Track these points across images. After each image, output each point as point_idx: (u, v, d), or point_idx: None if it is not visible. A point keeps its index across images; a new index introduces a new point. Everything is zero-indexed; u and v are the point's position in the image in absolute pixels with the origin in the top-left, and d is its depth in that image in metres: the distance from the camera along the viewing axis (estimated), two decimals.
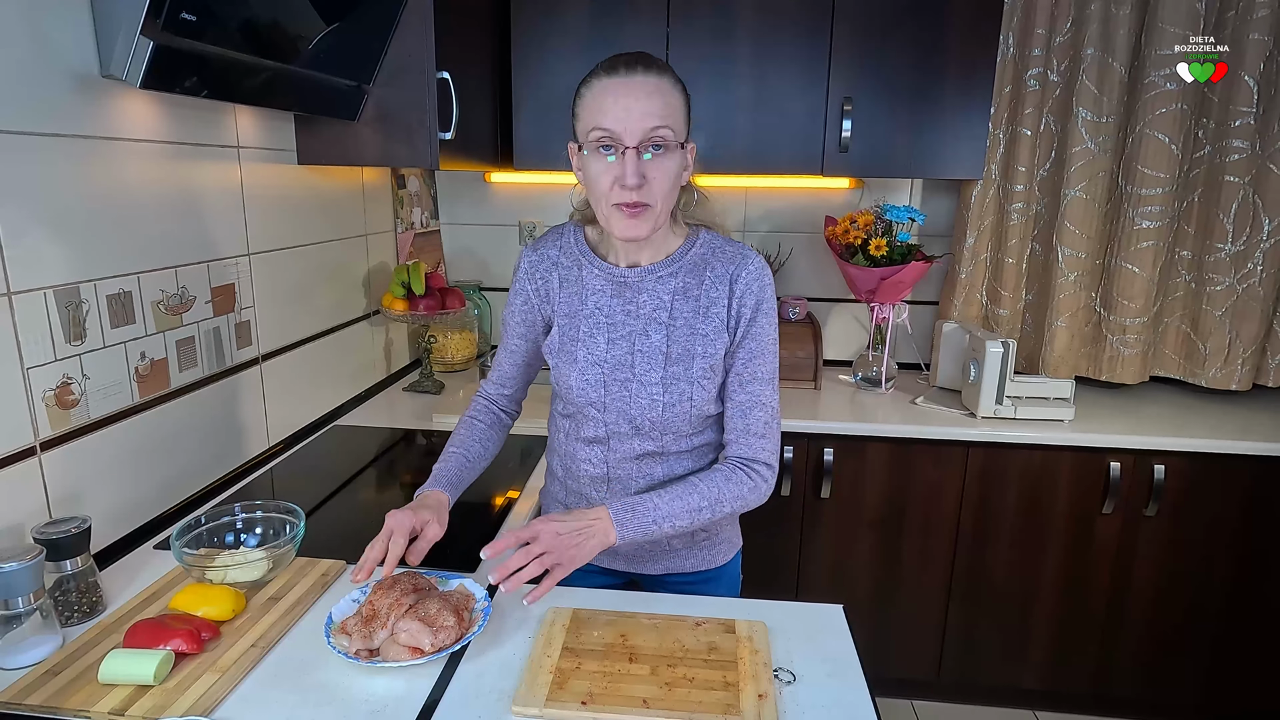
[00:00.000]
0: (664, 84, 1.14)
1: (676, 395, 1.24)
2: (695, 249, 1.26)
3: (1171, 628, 2.28)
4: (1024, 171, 2.41)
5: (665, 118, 1.13)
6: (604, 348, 1.26)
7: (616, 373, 1.26)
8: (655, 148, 1.13)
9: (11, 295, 1.17)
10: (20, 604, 1.05)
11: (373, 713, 0.99)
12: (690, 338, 1.24)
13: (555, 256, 1.31)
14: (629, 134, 1.11)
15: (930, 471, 2.24)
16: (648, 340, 1.25)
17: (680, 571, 1.41)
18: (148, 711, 0.96)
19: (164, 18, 1.18)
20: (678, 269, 1.25)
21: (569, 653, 1.10)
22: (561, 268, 1.30)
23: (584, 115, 1.16)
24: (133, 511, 1.44)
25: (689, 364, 1.24)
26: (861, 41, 2.22)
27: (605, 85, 1.13)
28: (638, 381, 1.25)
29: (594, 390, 1.27)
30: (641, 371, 1.25)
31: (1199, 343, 2.45)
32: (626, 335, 1.26)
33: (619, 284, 1.26)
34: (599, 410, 1.28)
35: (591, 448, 1.33)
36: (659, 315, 1.25)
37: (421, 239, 2.72)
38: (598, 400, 1.27)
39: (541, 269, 1.32)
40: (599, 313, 1.27)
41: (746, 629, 1.16)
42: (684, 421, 1.26)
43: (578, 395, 1.28)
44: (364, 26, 1.69)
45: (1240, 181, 2.28)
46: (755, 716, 0.97)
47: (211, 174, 1.62)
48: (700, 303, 1.24)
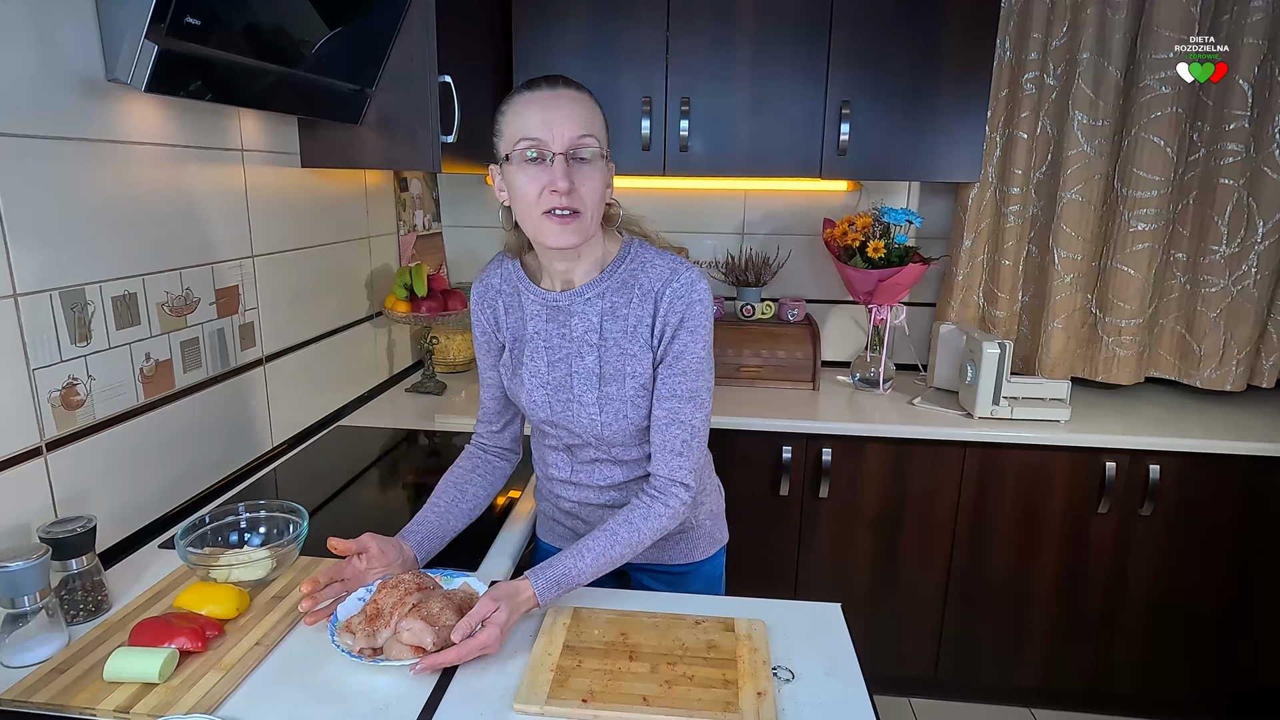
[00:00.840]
0: (585, 98, 1.16)
1: (613, 414, 1.25)
2: (624, 265, 1.24)
3: (1166, 626, 2.28)
4: (1020, 174, 2.42)
5: (590, 127, 1.14)
6: (545, 370, 1.28)
7: (559, 394, 1.27)
8: (581, 158, 1.13)
9: (18, 297, 1.17)
10: (26, 602, 1.05)
11: (375, 711, 0.99)
12: (620, 358, 1.23)
13: (498, 285, 1.32)
14: (556, 140, 1.11)
15: (927, 471, 2.24)
16: (582, 362, 1.25)
17: (658, 563, 1.43)
18: (152, 709, 0.96)
19: (169, 22, 1.18)
20: (605, 289, 1.23)
21: (570, 650, 1.10)
22: (504, 295, 1.32)
23: (508, 130, 1.15)
24: (138, 511, 1.45)
25: (621, 384, 1.24)
26: (859, 46, 2.23)
27: (529, 98, 1.14)
28: (577, 402, 1.26)
29: (541, 410, 1.30)
30: (580, 392, 1.26)
31: (1194, 344, 2.45)
32: (564, 358, 1.26)
33: (552, 308, 1.26)
34: (552, 427, 1.31)
35: (557, 454, 1.36)
36: (590, 337, 1.24)
37: (424, 241, 2.72)
38: (547, 419, 1.30)
39: (488, 298, 1.33)
40: (538, 337, 1.28)
41: (746, 627, 1.16)
42: (626, 436, 1.27)
43: (529, 414, 1.33)
44: (367, 31, 1.69)
45: (1234, 184, 2.28)
46: (754, 714, 0.97)
47: (216, 177, 1.62)
48: (629, 322, 1.23)
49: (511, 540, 1.49)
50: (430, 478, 1.84)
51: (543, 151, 1.12)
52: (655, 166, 2.36)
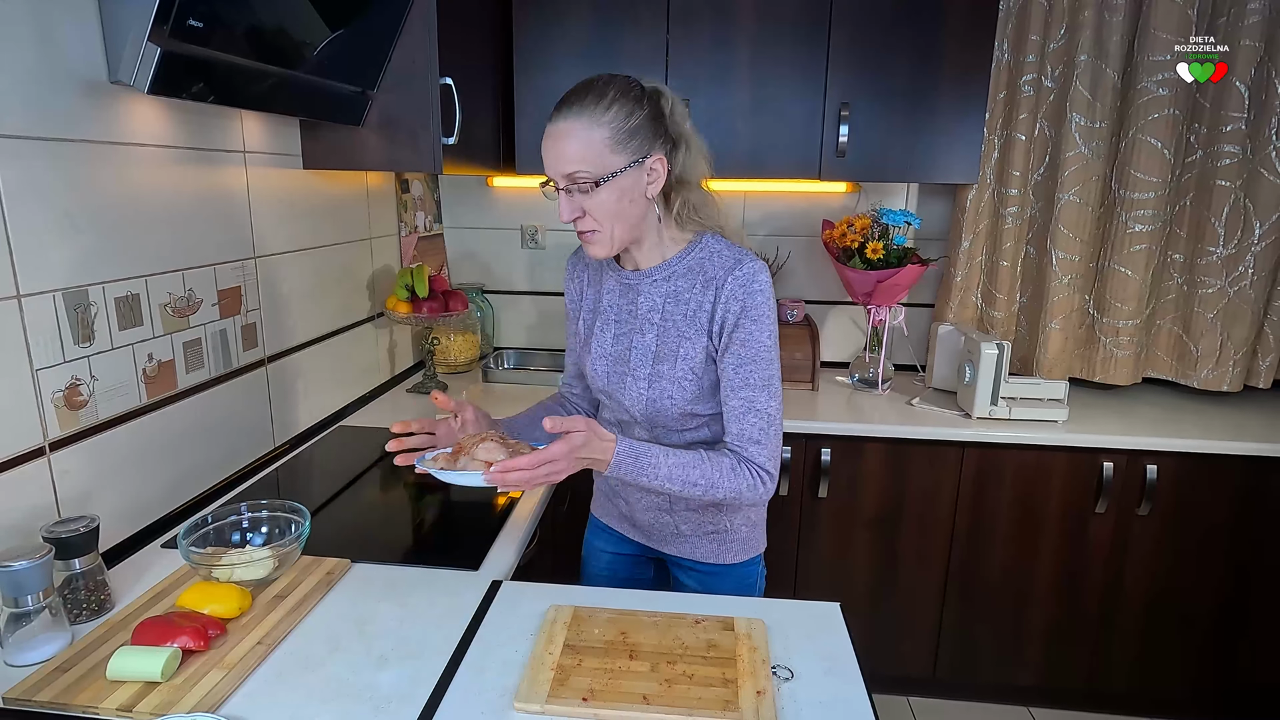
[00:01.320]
0: (579, 125, 1.18)
1: (659, 392, 1.30)
2: (693, 253, 1.29)
3: (1164, 625, 2.28)
4: (1018, 176, 2.42)
5: (580, 160, 1.18)
6: (610, 342, 1.36)
7: (617, 366, 1.35)
8: (579, 189, 1.20)
9: (21, 298, 1.17)
10: (30, 602, 1.05)
11: (376, 708, 0.99)
12: (677, 339, 1.28)
13: (588, 260, 1.44)
14: (557, 178, 1.21)
15: (926, 471, 2.24)
16: (642, 339, 1.32)
17: (690, 558, 1.45)
18: (155, 708, 0.96)
19: (171, 25, 1.18)
20: (671, 274, 1.30)
21: (570, 649, 1.10)
22: (590, 269, 1.43)
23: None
24: (140, 511, 1.45)
25: (673, 364, 1.29)
26: (859, 48, 2.23)
27: (545, 133, 1.22)
28: (631, 375, 1.33)
29: (601, 379, 1.38)
30: (635, 366, 1.32)
31: (1191, 345, 2.45)
32: (627, 333, 1.34)
33: (624, 285, 1.35)
34: (607, 397, 1.40)
35: (612, 429, 1.37)
36: (652, 316, 1.31)
37: (425, 242, 2.72)
38: (603, 389, 1.39)
39: (576, 271, 1.47)
40: (609, 311, 1.37)
41: (745, 626, 1.16)
42: (669, 417, 1.31)
43: (593, 382, 1.41)
44: (368, 33, 1.70)
45: (1231, 186, 2.28)
46: (754, 713, 0.97)
47: (218, 178, 1.62)
48: (689, 306, 1.28)
49: (515, 538, 1.49)
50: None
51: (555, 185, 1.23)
52: None
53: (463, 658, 1.10)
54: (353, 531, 1.54)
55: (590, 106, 1.19)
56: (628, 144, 1.19)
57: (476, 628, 1.17)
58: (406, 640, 1.14)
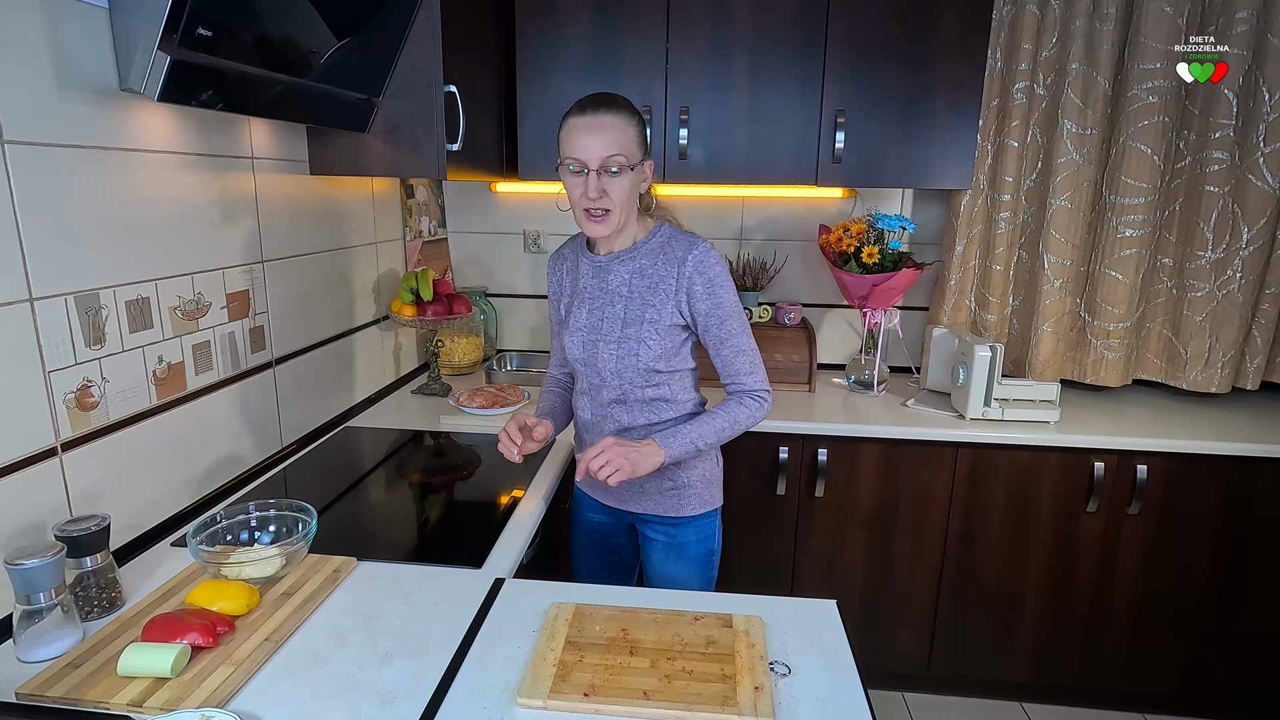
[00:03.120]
0: (619, 120, 1.42)
1: (626, 351, 1.50)
2: (655, 239, 1.53)
3: (1153, 622, 2.28)
4: (1011, 181, 2.42)
5: (619, 147, 1.41)
6: (585, 317, 1.56)
7: (591, 335, 1.54)
8: (612, 170, 1.41)
9: (34, 301, 1.17)
10: (42, 599, 1.05)
11: (382, 704, 0.99)
12: (642, 307, 1.50)
13: (566, 254, 1.66)
14: (591, 161, 1.40)
15: (920, 471, 2.24)
16: (612, 309, 1.53)
17: (654, 513, 1.63)
18: (165, 703, 0.96)
19: (181, 33, 1.18)
20: (636, 254, 1.52)
21: (571, 645, 1.10)
22: (568, 260, 1.64)
23: (562, 145, 1.45)
24: (150, 510, 1.45)
25: (638, 327, 1.50)
26: (854, 56, 2.23)
27: (576, 123, 1.42)
28: (603, 340, 1.52)
29: (577, 349, 1.56)
30: (606, 332, 1.52)
31: (1180, 347, 2.45)
32: (599, 306, 1.54)
33: (597, 268, 1.55)
34: (583, 366, 1.57)
35: (581, 398, 1.63)
36: (620, 290, 1.52)
37: (429, 247, 2.72)
38: (580, 357, 1.57)
39: (557, 265, 1.67)
40: (584, 291, 1.57)
41: (744, 623, 1.16)
42: (635, 373, 1.51)
43: (569, 354, 1.58)
44: (374, 42, 1.70)
45: (1220, 191, 2.28)
46: (752, 707, 0.97)
47: (227, 184, 1.62)
48: (653, 279, 1.50)
49: (517, 537, 1.49)
50: (436, 477, 1.85)
51: (581, 168, 1.41)
52: (655, 174, 2.35)
53: (466, 654, 1.10)
54: (359, 530, 1.54)
55: (624, 109, 1.44)
56: (641, 146, 1.46)
57: (480, 624, 1.17)
58: (411, 637, 1.14)
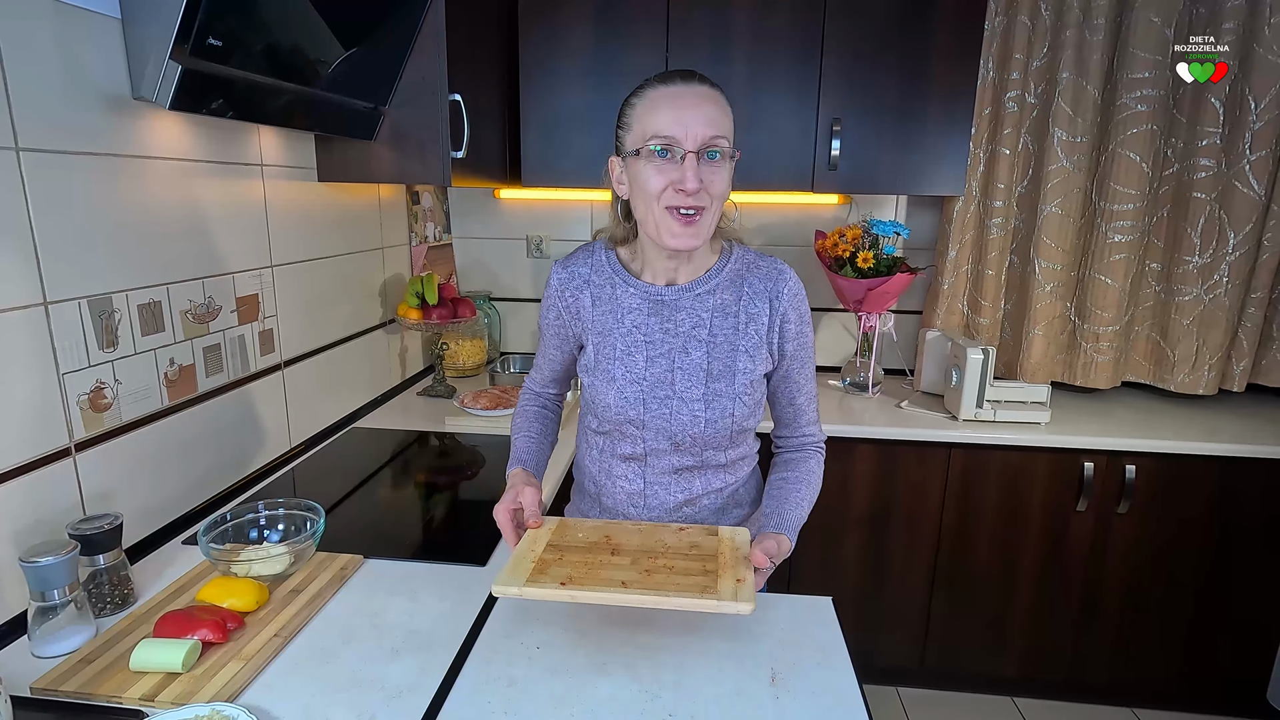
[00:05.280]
0: (720, 96, 1.11)
1: (719, 411, 1.19)
2: (730, 264, 1.21)
3: (1142, 618, 2.28)
4: (1003, 188, 2.42)
5: (722, 127, 1.09)
6: (643, 365, 1.20)
7: (656, 390, 1.19)
8: (712, 155, 1.08)
9: (48, 305, 1.17)
10: (56, 596, 1.06)
11: (388, 699, 0.99)
12: (731, 354, 1.19)
13: (586, 274, 1.24)
14: (689, 139, 1.06)
15: (914, 471, 2.24)
16: (688, 358, 1.19)
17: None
18: (177, 697, 0.96)
19: (192, 43, 1.18)
20: (715, 286, 1.20)
21: (553, 548, 1.09)
22: (593, 285, 1.23)
23: (638, 124, 1.10)
24: (162, 509, 1.45)
25: (730, 380, 1.18)
26: (850, 65, 2.23)
27: (663, 93, 1.09)
28: (679, 399, 1.19)
29: (633, 408, 1.20)
30: (683, 389, 1.19)
31: (1168, 350, 2.45)
32: (666, 353, 1.20)
33: (655, 302, 1.20)
34: (638, 428, 1.22)
35: (628, 464, 1.27)
36: (698, 333, 1.19)
37: (434, 252, 2.73)
38: (637, 418, 1.21)
39: (572, 286, 1.24)
40: (636, 331, 1.20)
41: (729, 533, 1.14)
42: (724, 436, 1.21)
43: (615, 413, 1.22)
44: (380, 51, 1.70)
45: (1207, 198, 2.28)
46: (732, 594, 0.96)
47: (236, 190, 1.62)
48: (739, 319, 1.19)
49: None
50: (441, 476, 1.85)
51: (673, 148, 1.07)
52: None
53: (470, 649, 1.10)
54: (365, 529, 1.54)
55: (719, 87, 1.12)
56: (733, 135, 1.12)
57: (484, 620, 1.17)
58: (417, 633, 1.14)
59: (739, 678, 1.04)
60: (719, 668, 1.07)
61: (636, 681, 1.03)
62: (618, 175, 1.17)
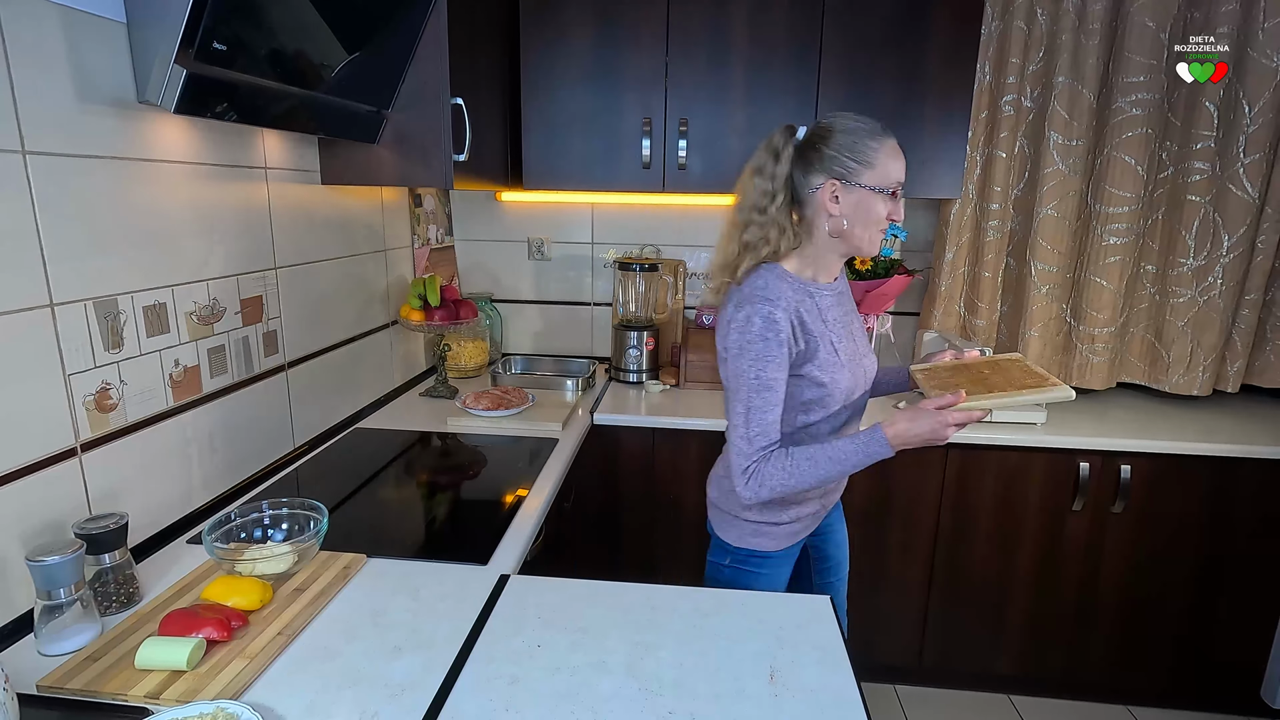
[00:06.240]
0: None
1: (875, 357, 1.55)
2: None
3: (1137, 616, 2.28)
4: (999, 191, 2.42)
5: None
6: (846, 345, 1.44)
7: (856, 358, 1.46)
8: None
9: (54, 306, 1.17)
10: (62, 594, 1.06)
11: (391, 696, 0.99)
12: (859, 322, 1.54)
13: (792, 295, 1.36)
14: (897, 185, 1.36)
15: (912, 471, 2.24)
16: (856, 324, 1.52)
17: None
18: (181, 695, 0.96)
19: (196, 48, 1.18)
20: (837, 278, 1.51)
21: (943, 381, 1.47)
22: (800, 301, 1.38)
23: (881, 167, 1.34)
24: (167, 508, 1.45)
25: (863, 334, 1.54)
26: (848, 70, 2.23)
27: (895, 148, 1.35)
28: (867, 356, 1.51)
29: (855, 379, 1.45)
30: (863, 348, 1.51)
31: (1163, 351, 2.46)
32: (848, 329, 1.48)
33: (839, 294, 1.48)
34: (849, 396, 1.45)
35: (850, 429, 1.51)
36: (851, 306, 1.53)
37: (437, 254, 2.73)
38: (850, 386, 1.44)
39: (790, 311, 1.34)
40: (836, 323, 1.44)
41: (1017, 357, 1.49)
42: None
43: (845, 389, 1.43)
44: (383, 55, 1.70)
45: (1201, 201, 2.29)
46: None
47: (241, 193, 1.62)
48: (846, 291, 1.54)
49: (522, 534, 1.49)
50: (443, 476, 1.85)
51: (896, 189, 1.35)
52: (655, 184, 2.37)
53: (472, 648, 1.10)
54: (368, 528, 1.54)
55: None
56: None
57: (486, 619, 1.17)
58: (419, 631, 1.14)
59: (738, 676, 1.04)
60: (718, 666, 1.07)
61: (636, 680, 1.03)
62: (837, 199, 1.36)
